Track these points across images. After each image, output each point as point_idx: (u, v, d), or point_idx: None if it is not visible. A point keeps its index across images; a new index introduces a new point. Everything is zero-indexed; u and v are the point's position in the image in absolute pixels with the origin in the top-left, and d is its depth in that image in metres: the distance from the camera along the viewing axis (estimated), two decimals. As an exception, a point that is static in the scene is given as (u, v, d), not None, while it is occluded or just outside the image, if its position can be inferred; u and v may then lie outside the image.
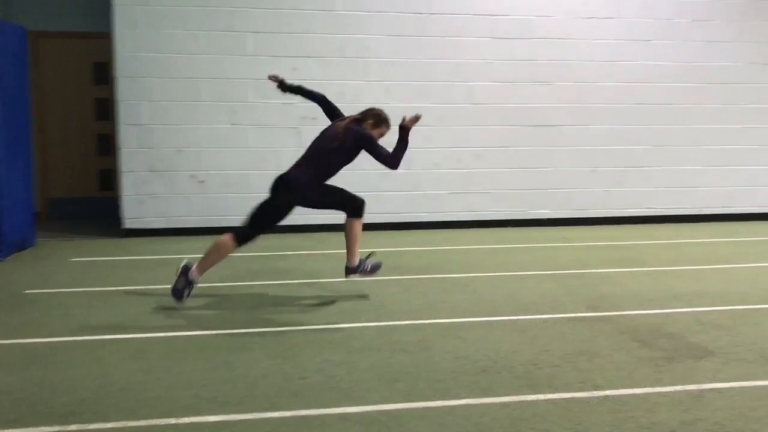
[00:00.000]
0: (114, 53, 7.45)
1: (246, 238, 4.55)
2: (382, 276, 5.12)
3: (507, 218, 8.30)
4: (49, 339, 3.84)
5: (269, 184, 4.59)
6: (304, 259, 6.18)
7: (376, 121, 4.71)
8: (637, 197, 8.55)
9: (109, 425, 2.69)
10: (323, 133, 4.71)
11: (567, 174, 8.38)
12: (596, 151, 8.40)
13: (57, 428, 2.66)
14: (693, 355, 3.51)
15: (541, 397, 2.96)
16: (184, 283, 4.41)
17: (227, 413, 2.79)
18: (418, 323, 4.13)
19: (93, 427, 2.67)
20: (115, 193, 8.29)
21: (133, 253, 6.64)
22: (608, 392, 3.01)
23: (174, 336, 3.89)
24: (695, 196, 8.67)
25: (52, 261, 6.20)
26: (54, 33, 8.69)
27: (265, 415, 2.78)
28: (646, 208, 8.59)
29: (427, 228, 8.06)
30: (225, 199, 7.75)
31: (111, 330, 4.01)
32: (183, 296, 4.42)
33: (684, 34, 8.42)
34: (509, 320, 4.20)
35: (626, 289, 4.99)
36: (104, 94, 8.62)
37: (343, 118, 4.75)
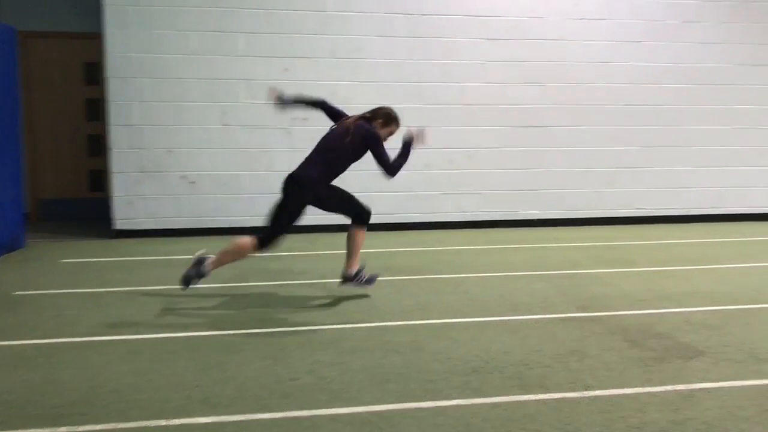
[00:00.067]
0: (105, 53, 7.42)
1: (266, 242, 4.53)
2: (374, 277, 5.13)
3: (498, 219, 8.32)
4: (39, 341, 3.82)
5: (280, 185, 4.57)
6: (296, 260, 6.17)
7: (385, 120, 4.70)
8: (628, 198, 8.59)
9: (99, 427, 2.68)
10: (332, 130, 4.70)
11: (558, 175, 8.41)
12: (587, 151, 8.43)
13: (47, 430, 2.64)
14: (683, 355, 3.52)
15: (532, 397, 2.97)
16: (195, 273, 4.47)
17: (218, 415, 2.79)
18: (410, 324, 4.13)
19: (83, 429, 2.66)
20: (105, 193, 8.27)
21: (124, 254, 6.61)
22: (598, 392, 3.02)
23: (165, 337, 3.88)
24: (686, 197, 8.72)
25: (42, 262, 6.18)
26: (44, 33, 8.65)
27: (256, 416, 2.77)
28: (637, 208, 8.63)
29: (419, 229, 8.07)
30: (216, 200, 7.74)
31: (101, 331, 3.99)
32: (189, 284, 4.48)
33: (674, 35, 8.47)
34: (500, 321, 4.20)
35: (617, 290, 5.00)
36: (95, 94, 8.60)
37: (350, 117, 4.74)
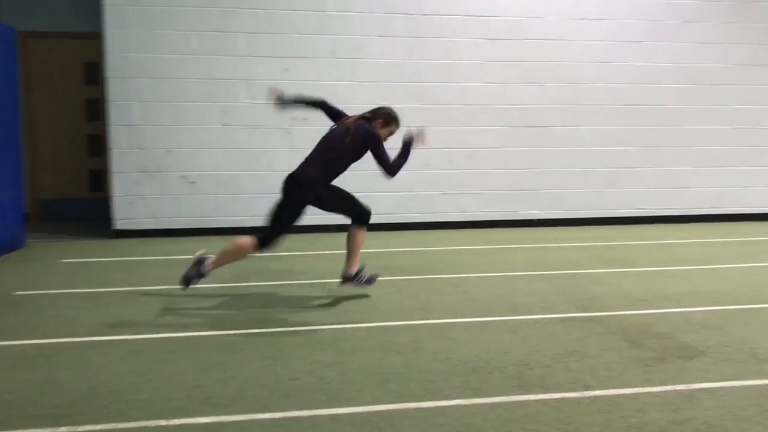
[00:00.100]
0: (105, 53, 7.42)
1: (266, 242, 4.53)
2: (374, 277, 5.14)
3: (498, 219, 8.32)
4: (39, 341, 3.82)
5: (280, 185, 4.58)
6: (296, 260, 6.17)
7: (385, 120, 4.70)
8: (628, 198, 8.59)
9: (99, 427, 2.68)
10: (332, 130, 4.69)
11: (558, 175, 8.41)
12: (587, 151, 8.43)
13: (46, 430, 2.64)
14: (683, 355, 3.52)
15: (531, 397, 2.97)
16: (195, 273, 4.48)
17: (218, 415, 2.79)
18: (410, 324, 4.13)
19: (83, 429, 2.66)
20: (105, 194, 8.27)
21: (124, 254, 6.61)
22: (598, 392, 3.02)
23: (165, 337, 3.88)
24: (685, 197, 8.72)
25: (42, 262, 6.18)
26: (44, 33, 8.65)
27: (256, 416, 2.78)
28: (637, 208, 8.63)
29: (419, 229, 8.07)
30: (216, 200, 7.74)
31: (101, 331, 3.99)
32: (189, 284, 4.50)
33: (674, 35, 8.47)
34: (500, 321, 4.21)
35: (617, 290, 5.01)
36: (95, 94, 8.60)
37: (350, 117, 4.73)
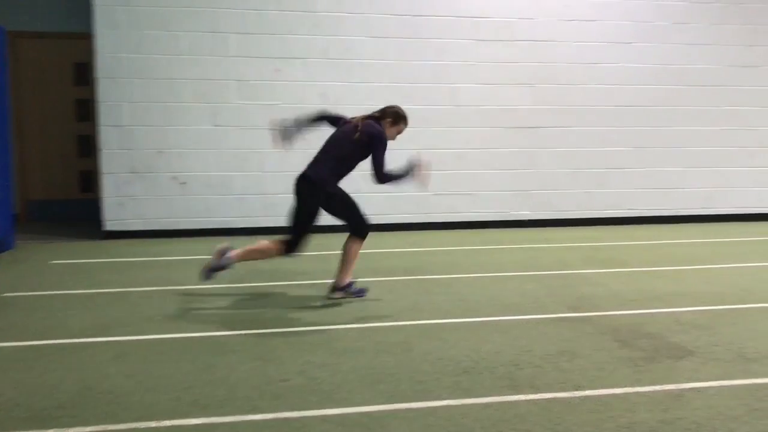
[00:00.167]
0: (95, 54, 7.39)
1: (293, 246, 4.58)
2: (365, 278, 5.13)
3: (489, 219, 8.34)
4: (28, 342, 3.80)
5: (292, 187, 4.59)
6: (287, 261, 6.14)
7: (394, 118, 4.69)
8: (618, 198, 8.63)
9: (88, 429, 2.66)
10: (339, 129, 4.67)
11: (549, 175, 8.43)
12: (578, 152, 8.46)
13: (35, 432, 2.63)
14: (672, 355, 3.54)
15: (522, 397, 2.98)
16: (218, 265, 4.56)
17: (208, 416, 2.78)
18: (401, 324, 4.13)
19: (72, 431, 2.65)
20: (95, 194, 8.24)
21: (114, 255, 6.59)
22: (589, 392, 3.03)
23: (155, 339, 3.87)
24: (675, 198, 8.76)
25: (31, 263, 6.14)
26: (34, 33, 8.61)
27: (246, 417, 2.77)
28: (627, 209, 8.67)
29: (410, 229, 8.08)
30: (206, 201, 7.72)
31: (91, 333, 3.97)
32: (210, 277, 4.61)
33: (664, 36, 8.51)
34: (491, 321, 4.21)
35: (607, 290, 5.02)
36: (85, 95, 8.57)
37: (355, 117, 4.70)
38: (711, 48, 8.64)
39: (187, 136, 7.63)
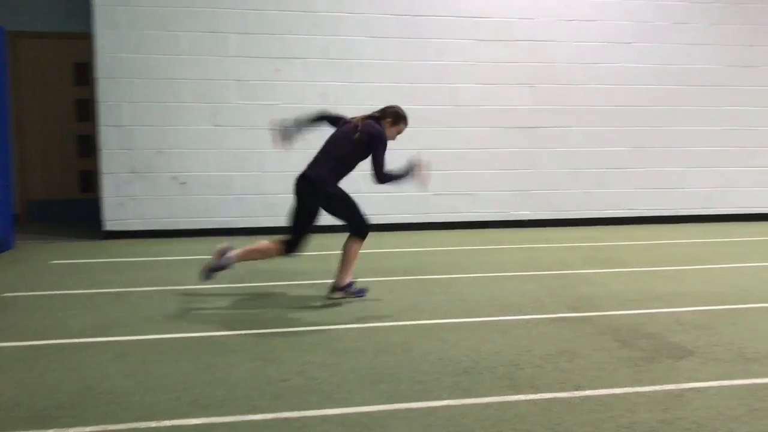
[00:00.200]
0: (95, 54, 7.39)
1: (292, 246, 4.58)
2: (365, 278, 5.13)
3: (489, 219, 8.34)
4: (28, 342, 3.80)
5: (293, 187, 4.58)
6: (287, 261, 6.14)
7: (394, 118, 4.69)
8: (618, 198, 8.63)
9: (88, 429, 2.66)
10: (339, 129, 4.66)
11: (549, 175, 8.43)
12: (577, 152, 8.46)
13: (35, 432, 2.63)
14: (672, 355, 3.54)
15: (522, 397, 2.98)
16: (218, 265, 4.57)
17: (208, 416, 2.78)
18: (401, 324, 4.13)
19: (72, 431, 2.65)
20: (95, 194, 8.24)
21: (114, 255, 6.59)
22: (589, 392, 3.03)
23: (155, 339, 3.87)
24: (675, 198, 8.76)
25: (31, 263, 6.14)
26: (34, 33, 8.61)
27: (246, 417, 2.77)
28: (627, 209, 8.67)
29: (410, 229, 8.08)
30: (206, 201, 7.72)
31: (91, 333, 3.97)
32: (210, 277, 4.62)
33: (664, 36, 8.51)
34: (491, 321, 4.21)
35: (607, 290, 5.02)
36: (85, 95, 8.57)
37: (355, 117, 4.69)
38: (711, 48, 8.64)
39: (187, 136, 7.63)
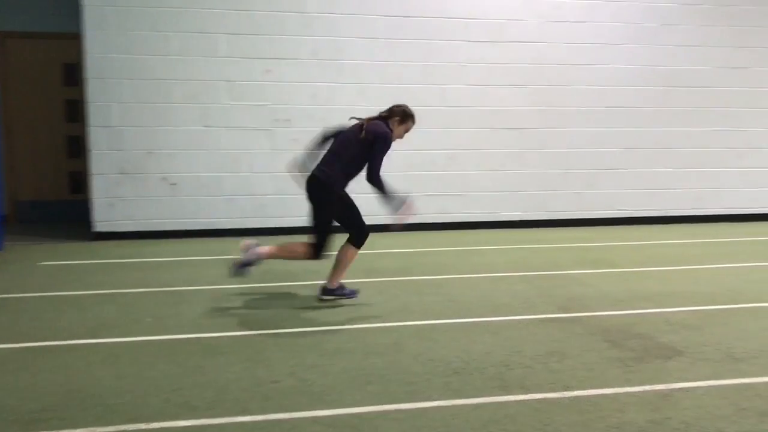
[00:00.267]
0: (84, 54, 7.36)
1: (319, 250, 4.51)
2: (356, 279, 5.13)
3: (480, 220, 8.35)
4: (17, 344, 3.77)
5: (304, 190, 4.54)
6: (279, 262, 6.13)
7: (402, 117, 4.65)
8: (608, 199, 8.66)
9: (77, 432, 2.66)
10: (347, 130, 4.62)
11: (539, 176, 8.45)
12: (568, 153, 8.49)
13: (23, 435, 2.62)
14: (662, 355, 3.56)
15: (512, 398, 2.98)
16: (247, 261, 4.53)
17: (198, 418, 2.77)
18: (391, 326, 4.13)
19: (60, 433, 2.64)
20: (85, 195, 8.19)
21: (104, 256, 6.55)
22: (578, 392, 3.04)
23: (144, 340, 3.85)
24: (665, 198, 8.80)
25: (20, 265, 6.11)
26: (22, 33, 8.56)
27: (236, 419, 2.76)
28: (617, 210, 8.70)
29: (401, 230, 8.06)
30: (197, 202, 7.69)
31: (80, 335, 3.95)
32: (239, 273, 4.59)
33: (654, 38, 8.55)
34: (481, 322, 4.22)
35: (597, 290, 5.04)
36: (74, 95, 8.52)
37: (362, 118, 4.64)
38: (700, 49, 8.68)
39: (177, 136, 7.60)
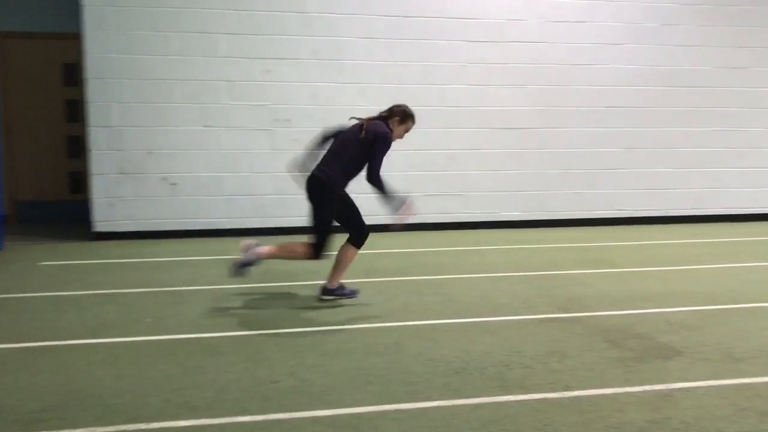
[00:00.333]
0: (84, 54, 7.36)
1: (319, 250, 4.51)
2: (356, 279, 5.13)
3: (480, 220, 8.35)
4: (17, 344, 3.77)
5: (304, 191, 4.54)
6: (278, 262, 6.13)
7: (402, 117, 4.65)
8: (608, 199, 8.66)
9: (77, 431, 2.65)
10: (347, 130, 4.61)
11: (539, 176, 8.45)
12: (568, 153, 8.49)
13: (23, 435, 2.62)
14: (662, 355, 3.56)
15: (512, 398, 2.98)
16: (247, 260, 4.52)
17: (198, 418, 2.77)
18: (391, 325, 4.13)
19: (61, 433, 2.64)
20: (85, 195, 8.19)
21: (104, 256, 6.55)
22: (578, 393, 3.04)
23: (144, 340, 3.85)
24: (665, 198, 8.80)
25: (20, 265, 6.11)
26: (23, 33, 8.56)
27: (236, 419, 2.76)
28: (617, 210, 8.70)
29: (401, 230, 8.05)
30: (197, 202, 7.69)
31: (80, 335, 3.95)
32: (239, 273, 4.59)
33: (654, 38, 8.55)
34: (481, 322, 4.22)
35: (597, 290, 5.04)
36: (74, 95, 8.52)
37: (361, 118, 4.63)
38: (699, 49, 8.68)
39: (177, 136, 7.60)
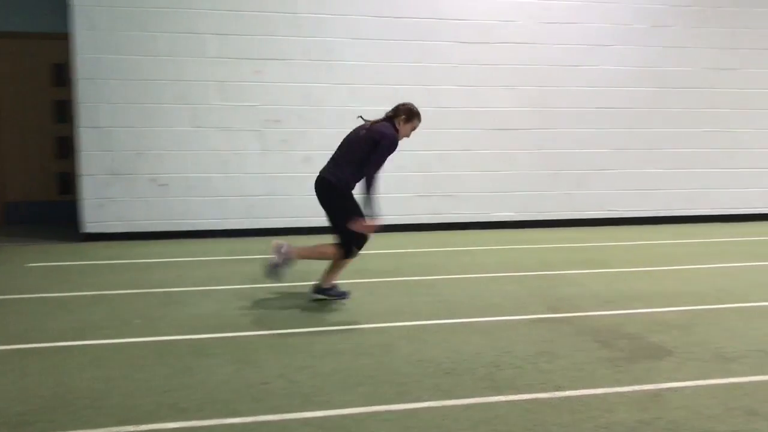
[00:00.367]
0: (73, 55, 7.32)
1: (349, 248, 4.51)
2: (347, 279, 5.12)
3: (471, 221, 8.36)
4: (5, 346, 3.75)
5: (314, 193, 4.56)
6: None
7: (408, 115, 4.67)
8: (599, 200, 8.68)
9: (65, 434, 2.64)
10: (353, 132, 4.61)
11: (530, 177, 8.47)
12: (558, 154, 8.51)
13: (10, 438, 2.60)
14: (651, 355, 3.57)
15: (502, 398, 2.98)
16: (280, 260, 4.48)
17: (187, 420, 2.76)
18: (382, 326, 4.13)
19: (48, 436, 2.62)
20: (74, 196, 8.15)
21: (93, 257, 6.52)
22: (569, 393, 3.05)
23: (133, 342, 3.83)
24: (655, 199, 8.84)
25: (8, 266, 6.06)
26: (10, 33, 8.50)
27: (225, 421, 2.75)
28: (608, 210, 8.73)
29: (392, 231, 8.05)
30: (186, 203, 7.66)
31: (69, 336, 3.93)
32: (274, 274, 4.52)
33: (643, 39, 8.58)
34: (472, 322, 4.22)
35: (587, 290, 5.05)
36: (63, 96, 8.47)
37: (367, 121, 4.64)
38: (689, 51, 8.72)
39: (167, 137, 7.57)
